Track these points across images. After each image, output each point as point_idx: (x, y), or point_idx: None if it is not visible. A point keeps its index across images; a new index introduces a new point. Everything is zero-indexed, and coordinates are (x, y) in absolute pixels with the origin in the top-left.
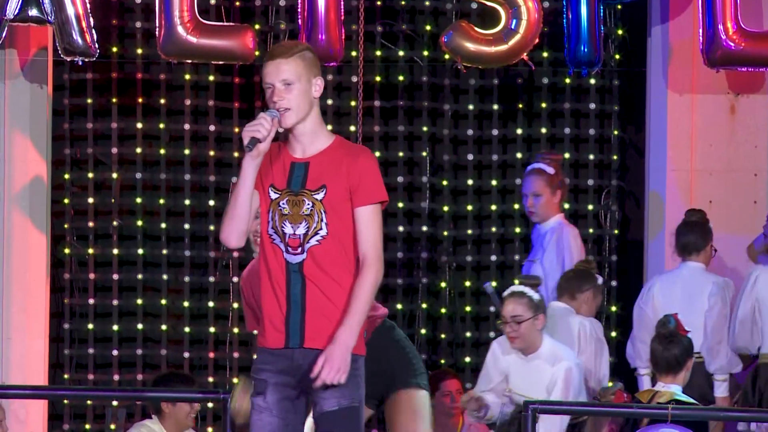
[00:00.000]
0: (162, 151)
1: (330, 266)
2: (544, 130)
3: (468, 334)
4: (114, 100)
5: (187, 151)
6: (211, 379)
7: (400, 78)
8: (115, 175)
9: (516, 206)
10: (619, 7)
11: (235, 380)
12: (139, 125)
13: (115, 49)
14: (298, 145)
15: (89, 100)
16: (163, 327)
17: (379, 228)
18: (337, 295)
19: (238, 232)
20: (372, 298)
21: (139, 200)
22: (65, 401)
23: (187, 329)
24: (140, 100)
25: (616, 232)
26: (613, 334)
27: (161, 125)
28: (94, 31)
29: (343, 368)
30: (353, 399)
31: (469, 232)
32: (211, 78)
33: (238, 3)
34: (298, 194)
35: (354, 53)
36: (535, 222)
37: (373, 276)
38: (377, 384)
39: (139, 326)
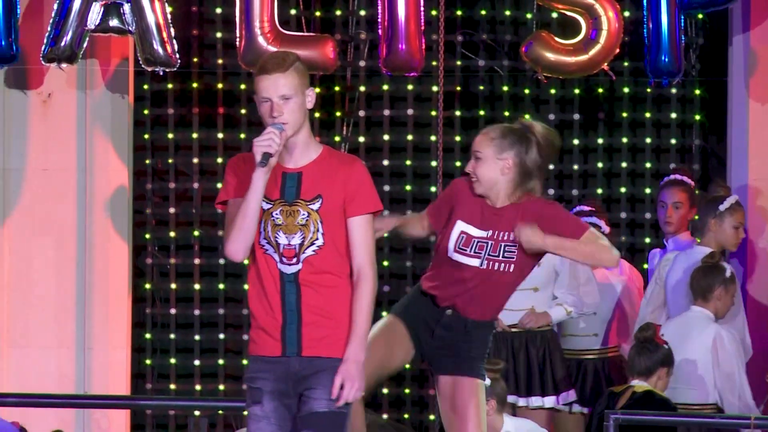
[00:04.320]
0: None
1: (326, 275)
2: (625, 140)
3: None
4: (195, 110)
5: None
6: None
7: (480, 88)
8: (196, 185)
9: None
10: (700, 16)
11: None
12: (220, 135)
13: (195, 60)
14: (289, 155)
15: (170, 110)
16: (245, 337)
17: (373, 237)
18: (332, 302)
19: (246, 246)
20: (372, 308)
21: (220, 210)
22: (147, 411)
23: None
24: (221, 110)
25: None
26: None
27: (242, 135)
28: (174, 41)
29: (360, 384)
30: (343, 405)
31: None
32: None
33: (318, 13)
34: (293, 204)
35: (434, 63)
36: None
37: (370, 287)
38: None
39: (221, 336)
